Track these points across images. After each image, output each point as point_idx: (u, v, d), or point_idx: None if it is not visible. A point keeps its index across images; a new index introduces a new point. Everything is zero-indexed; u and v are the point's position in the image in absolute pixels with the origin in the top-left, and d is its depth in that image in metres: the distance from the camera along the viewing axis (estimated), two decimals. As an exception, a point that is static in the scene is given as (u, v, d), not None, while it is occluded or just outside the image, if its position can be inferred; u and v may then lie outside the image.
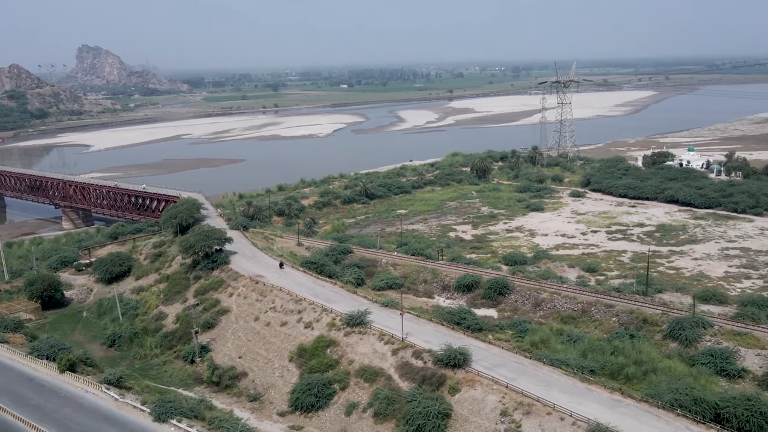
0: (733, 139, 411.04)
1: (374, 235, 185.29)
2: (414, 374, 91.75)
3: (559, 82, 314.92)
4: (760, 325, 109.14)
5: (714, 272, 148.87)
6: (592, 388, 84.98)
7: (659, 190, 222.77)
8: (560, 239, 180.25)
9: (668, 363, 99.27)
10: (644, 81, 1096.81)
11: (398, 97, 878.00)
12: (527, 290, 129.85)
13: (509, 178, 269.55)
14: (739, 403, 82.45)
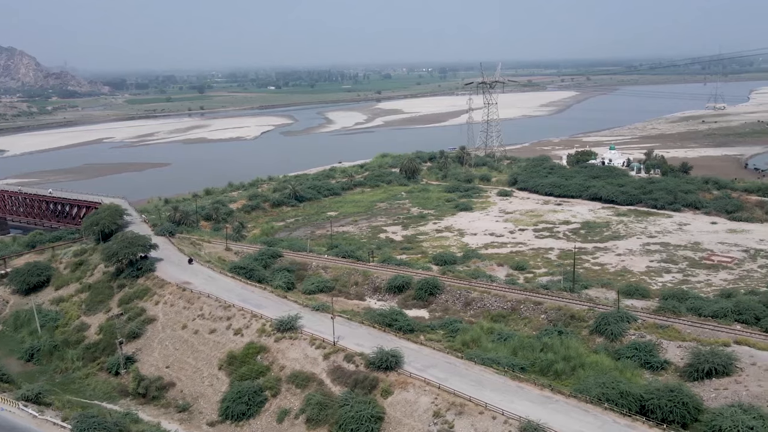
0: (651, 137, 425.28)
1: (304, 238, 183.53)
2: (346, 378, 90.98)
3: (484, 83, 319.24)
4: (681, 318, 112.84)
5: (636, 267, 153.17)
6: (522, 386, 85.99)
7: (583, 188, 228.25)
8: (489, 238, 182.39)
9: (595, 358, 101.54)
10: (567, 82, 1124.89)
11: (326, 98, 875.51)
12: (457, 290, 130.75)
13: (438, 178, 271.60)
14: (663, 394, 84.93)
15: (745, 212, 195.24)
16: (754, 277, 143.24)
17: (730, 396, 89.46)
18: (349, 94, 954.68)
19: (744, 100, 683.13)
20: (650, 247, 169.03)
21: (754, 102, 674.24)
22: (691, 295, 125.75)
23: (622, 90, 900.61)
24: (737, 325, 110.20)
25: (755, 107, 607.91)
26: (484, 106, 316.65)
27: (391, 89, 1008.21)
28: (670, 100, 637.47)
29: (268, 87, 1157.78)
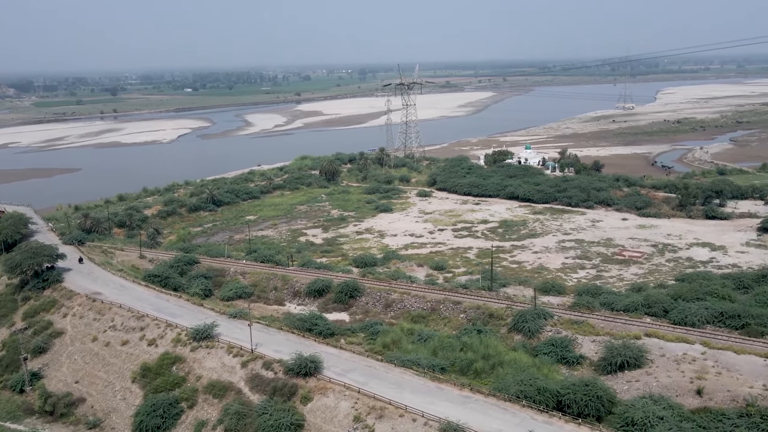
0: (565, 136, 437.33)
1: (222, 243, 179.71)
2: (265, 386, 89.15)
3: (403, 84, 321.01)
4: (595, 313, 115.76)
5: (552, 264, 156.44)
6: (442, 387, 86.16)
7: (501, 187, 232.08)
8: (409, 239, 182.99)
9: (514, 355, 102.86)
10: (484, 82, 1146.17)
11: (245, 100, 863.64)
12: (378, 292, 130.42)
13: (358, 180, 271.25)
14: (578, 389, 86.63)
15: (653, 208, 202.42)
16: (662, 271, 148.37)
17: (641, 387, 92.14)
18: (268, 96, 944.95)
19: (651, 100, 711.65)
20: (565, 244, 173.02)
21: (660, 102, 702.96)
22: (604, 290, 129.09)
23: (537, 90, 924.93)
24: (647, 318, 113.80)
25: (661, 107, 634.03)
26: (402, 107, 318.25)
27: (310, 91, 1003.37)
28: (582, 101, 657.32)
29: (185, 89, 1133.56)
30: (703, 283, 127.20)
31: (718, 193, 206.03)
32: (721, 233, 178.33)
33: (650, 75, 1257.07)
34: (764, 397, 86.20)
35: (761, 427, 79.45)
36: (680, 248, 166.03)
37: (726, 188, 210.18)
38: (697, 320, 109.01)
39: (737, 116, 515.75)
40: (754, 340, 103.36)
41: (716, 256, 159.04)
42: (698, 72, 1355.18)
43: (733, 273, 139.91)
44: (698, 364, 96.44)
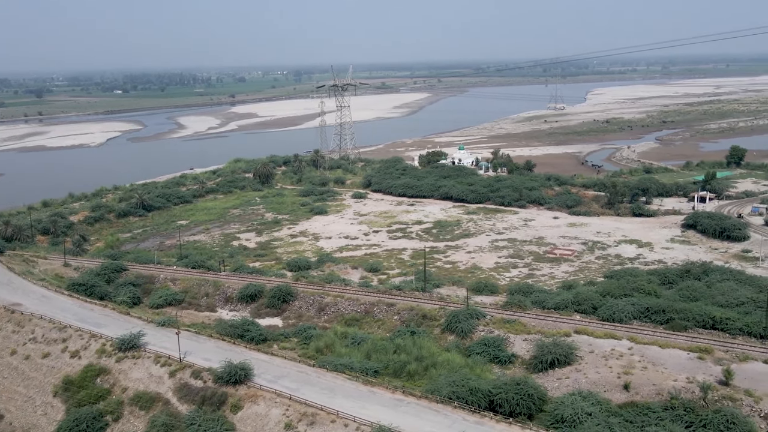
0: (498, 137, 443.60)
1: (152, 249, 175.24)
2: (194, 396, 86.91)
3: (336, 86, 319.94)
4: (526, 312, 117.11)
5: (486, 264, 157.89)
6: (375, 390, 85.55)
7: (435, 188, 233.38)
8: (344, 241, 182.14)
9: (447, 356, 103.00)
10: (419, 84, 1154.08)
11: (178, 102, 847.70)
12: (311, 295, 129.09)
13: (293, 182, 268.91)
14: (510, 388, 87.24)
15: (583, 206, 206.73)
16: (592, 268, 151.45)
17: (571, 384, 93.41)
18: (201, 98, 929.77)
19: (581, 101, 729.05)
20: (498, 243, 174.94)
21: (590, 102, 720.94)
22: (535, 288, 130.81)
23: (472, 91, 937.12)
24: (577, 315, 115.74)
25: (591, 107, 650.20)
26: (337, 109, 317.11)
27: (245, 92, 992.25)
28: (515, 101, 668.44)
29: (115, 91, 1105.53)
30: (630, 280, 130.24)
31: (644, 191, 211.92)
32: (648, 230, 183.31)
33: (580, 76, 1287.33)
34: (687, 389, 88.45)
35: (684, 419, 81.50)
36: (609, 245, 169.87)
37: (652, 186, 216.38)
38: (625, 316, 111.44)
39: (662, 116, 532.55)
40: (678, 334, 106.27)
41: (643, 252, 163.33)
42: (626, 73, 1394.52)
43: (659, 269, 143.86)
44: (625, 360, 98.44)
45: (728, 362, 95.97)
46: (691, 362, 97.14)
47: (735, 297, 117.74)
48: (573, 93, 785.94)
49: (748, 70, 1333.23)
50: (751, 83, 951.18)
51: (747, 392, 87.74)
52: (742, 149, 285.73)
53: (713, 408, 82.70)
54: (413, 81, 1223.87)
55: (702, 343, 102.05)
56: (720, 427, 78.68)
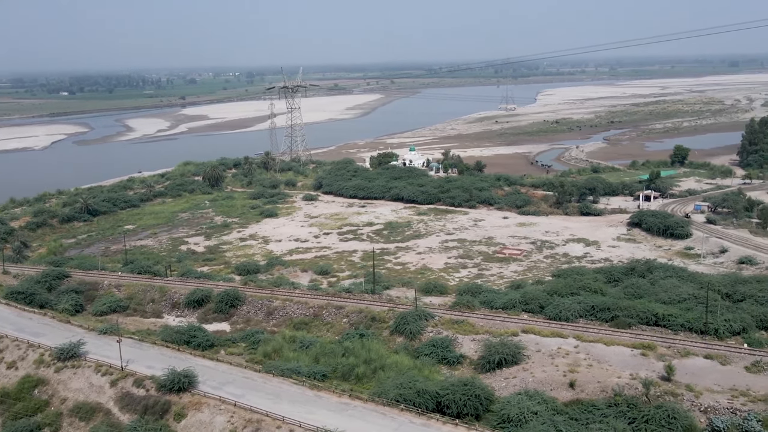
0: (450, 137, 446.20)
1: (97, 255, 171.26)
2: (136, 405, 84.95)
3: (286, 87, 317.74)
4: (475, 312, 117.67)
5: (436, 264, 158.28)
6: (321, 395, 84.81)
7: (386, 189, 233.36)
8: (294, 244, 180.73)
9: (396, 358, 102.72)
10: (372, 85, 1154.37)
11: (126, 104, 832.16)
12: (259, 299, 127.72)
13: (243, 185, 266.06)
14: (457, 389, 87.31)
15: (532, 206, 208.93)
16: (540, 267, 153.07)
17: (518, 384, 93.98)
18: (151, 99, 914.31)
19: (532, 102, 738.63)
20: (448, 244, 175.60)
21: (540, 103, 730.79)
22: (484, 288, 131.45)
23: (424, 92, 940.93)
24: (525, 314, 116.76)
25: (541, 108, 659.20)
26: (287, 110, 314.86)
27: (196, 94, 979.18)
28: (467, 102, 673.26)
29: (61, 93, 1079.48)
30: (576, 278, 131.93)
31: (591, 191, 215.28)
32: (595, 229, 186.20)
33: (531, 77, 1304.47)
34: (631, 386, 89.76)
35: (628, 416, 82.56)
36: (557, 244, 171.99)
37: (599, 185, 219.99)
38: (571, 315, 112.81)
39: (610, 116, 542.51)
40: (622, 331, 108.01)
41: (590, 251, 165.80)
42: (575, 74, 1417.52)
43: (605, 267, 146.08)
44: (571, 358, 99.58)
45: (670, 358, 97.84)
46: (634, 359, 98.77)
47: (677, 294, 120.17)
48: (524, 94, 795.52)
49: (692, 71, 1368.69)
50: (695, 84, 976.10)
51: (688, 387, 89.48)
52: (686, 149, 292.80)
53: (655, 403, 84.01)
54: (366, 82, 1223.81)
55: (645, 340, 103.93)
56: (661, 422, 79.93)
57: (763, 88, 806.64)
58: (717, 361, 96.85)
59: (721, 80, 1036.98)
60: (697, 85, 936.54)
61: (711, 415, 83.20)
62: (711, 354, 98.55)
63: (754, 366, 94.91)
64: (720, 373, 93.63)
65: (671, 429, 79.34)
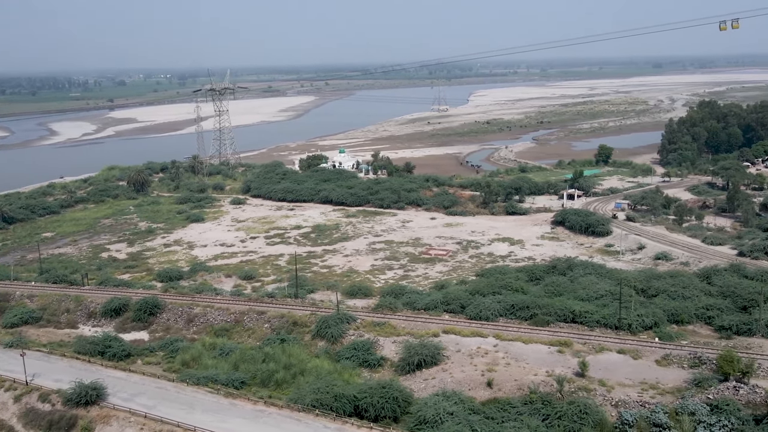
0: (382, 139, 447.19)
1: (10, 264, 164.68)
2: (40, 420, 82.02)
3: (214, 90, 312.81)
4: (397, 314, 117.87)
5: (362, 266, 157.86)
6: (236, 403, 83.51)
7: (315, 191, 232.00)
8: (220, 249, 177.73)
9: (316, 362, 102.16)
10: (306, 87, 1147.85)
11: (51, 107, 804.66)
12: (180, 307, 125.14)
13: (170, 189, 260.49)
14: (375, 392, 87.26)
15: (459, 206, 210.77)
16: (465, 267, 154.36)
17: (437, 384, 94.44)
18: (77, 102, 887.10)
19: (464, 103, 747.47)
20: (376, 245, 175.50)
21: (472, 104, 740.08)
22: (407, 290, 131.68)
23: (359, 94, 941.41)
24: (446, 315, 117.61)
25: (473, 108, 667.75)
26: (215, 113, 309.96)
27: (125, 97, 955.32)
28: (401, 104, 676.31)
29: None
30: (499, 277, 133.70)
31: (517, 190, 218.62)
32: (520, 228, 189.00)
33: (464, 78, 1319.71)
34: (547, 383, 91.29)
35: (542, 413, 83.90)
36: (483, 244, 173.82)
37: (524, 185, 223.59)
38: (491, 314, 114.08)
39: (540, 117, 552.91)
40: (541, 329, 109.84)
41: (514, 250, 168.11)
42: (507, 75, 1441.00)
43: (527, 266, 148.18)
44: (490, 357, 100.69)
45: (585, 354, 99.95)
46: (551, 356, 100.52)
47: (595, 290, 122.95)
48: (457, 95, 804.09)
49: (619, 73, 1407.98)
50: (621, 85, 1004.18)
51: (601, 382, 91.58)
52: (609, 148, 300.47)
53: (568, 399, 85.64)
54: (300, 84, 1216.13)
55: (562, 337, 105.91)
56: (573, 418, 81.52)
57: (685, 88, 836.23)
58: (629, 355, 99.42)
59: (646, 81, 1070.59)
60: (624, 86, 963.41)
61: (621, 409, 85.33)
62: (624, 349, 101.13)
63: (664, 359, 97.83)
64: (632, 368, 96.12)
65: (583, 424, 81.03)
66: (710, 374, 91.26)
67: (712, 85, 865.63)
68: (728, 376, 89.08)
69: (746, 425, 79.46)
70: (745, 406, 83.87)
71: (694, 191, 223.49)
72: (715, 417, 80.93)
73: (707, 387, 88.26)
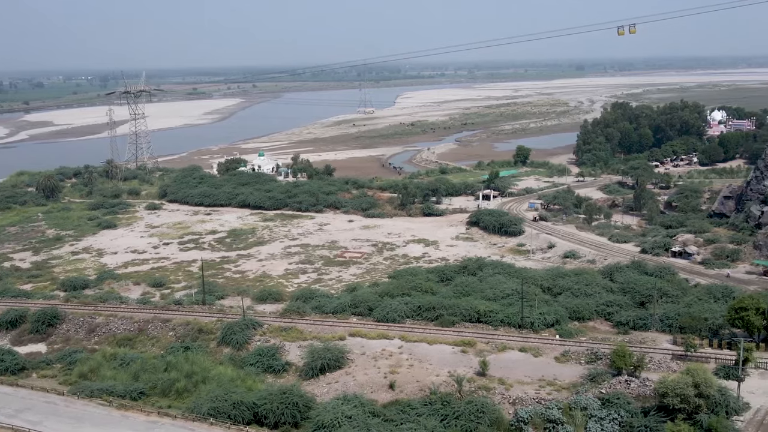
0: (307, 141, 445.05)
1: None
2: None
3: (128, 93, 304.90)
4: (305, 318, 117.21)
5: (276, 271, 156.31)
6: (128, 415, 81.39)
7: (232, 195, 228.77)
8: (131, 256, 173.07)
9: (220, 369, 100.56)
10: (233, 89, 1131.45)
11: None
12: (81, 317, 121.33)
13: (83, 195, 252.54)
14: (275, 398, 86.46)
15: (377, 209, 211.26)
16: (379, 269, 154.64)
17: (340, 388, 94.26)
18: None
19: (391, 104, 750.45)
20: (291, 249, 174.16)
21: (398, 106, 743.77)
22: (318, 293, 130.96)
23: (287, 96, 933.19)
24: (354, 318, 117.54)
25: (399, 110, 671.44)
26: (131, 117, 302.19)
27: (42, 99, 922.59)
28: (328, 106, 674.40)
29: None
30: (409, 279, 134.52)
31: (434, 192, 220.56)
32: (436, 229, 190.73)
33: (393, 80, 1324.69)
34: (448, 383, 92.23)
35: (441, 413, 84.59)
36: (398, 246, 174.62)
37: (441, 186, 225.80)
38: (398, 315, 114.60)
39: (464, 118, 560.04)
40: (446, 329, 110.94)
41: (429, 251, 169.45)
42: (435, 77, 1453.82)
43: (439, 266, 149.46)
44: (394, 359, 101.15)
45: (488, 353, 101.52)
46: (454, 356, 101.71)
47: (501, 290, 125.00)
48: (385, 97, 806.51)
49: (543, 75, 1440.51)
50: (545, 87, 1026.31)
51: (500, 381, 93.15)
52: (527, 149, 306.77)
53: (467, 399, 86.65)
54: (227, 86, 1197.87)
55: (466, 337, 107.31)
56: (470, 417, 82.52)
57: (605, 90, 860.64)
58: (531, 353, 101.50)
59: (569, 83, 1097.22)
60: (547, 88, 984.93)
61: (518, 407, 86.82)
62: (525, 347, 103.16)
63: (563, 356, 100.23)
64: (532, 365, 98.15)
65: (479, 423, 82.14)
66: (605, 369, 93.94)
67: (630, 87, 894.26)
68: (621, 371, 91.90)
69: (635, 417, 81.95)
70: (635, 399, 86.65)
71: (605, 190, 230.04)
72: (606, 411, 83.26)
73: (601, 382, 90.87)
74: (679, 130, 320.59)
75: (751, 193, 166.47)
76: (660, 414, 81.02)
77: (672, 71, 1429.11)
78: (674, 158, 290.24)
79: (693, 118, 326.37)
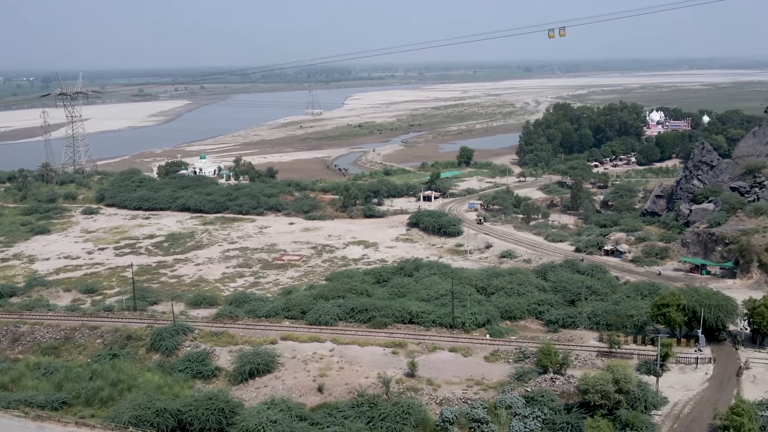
0: (252, 144, 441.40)
1: None
2: None
3: (65, 94, 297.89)
4: (237, 322, 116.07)
5: (212, 275, 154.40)
6: (45, 426, 79.51)
7: (172, 199, 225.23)
8: (63, 262, 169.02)
9: (147, 376, 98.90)
10: (181, 90, 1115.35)
11: None
12: (5, 325, 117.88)
13: (16, 200, 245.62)
14: (201, 404, 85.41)
15: (319, 211, 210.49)
16: (317, 272, 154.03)
17: (268, 392, 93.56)
18: None
19: (339, 106, 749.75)
20: (229, 253, 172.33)
21: (347, 107, 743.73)
22: (251, 297, 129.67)
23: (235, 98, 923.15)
24: (287, 321, 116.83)
25: (347, 112, 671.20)
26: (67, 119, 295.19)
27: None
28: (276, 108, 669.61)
29: None
30: (345, 281, 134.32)
31: (375, 193, 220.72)
32: (377, 230, 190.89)
33: (343, 82, 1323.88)
34: (376, 385, 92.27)
35: (368, 415, 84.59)
36: (338, 248, 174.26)
37: (383, 188, 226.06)
38: (330, 318, 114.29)
39: (411, 120, 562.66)
40: (378, 331, 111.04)
41: (368, 252, 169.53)
42: (385, 78, 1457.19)
43: (376, 268, 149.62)
44: (325, 362, 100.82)
45: (419, 354, 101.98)
46: (385, 358, 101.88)
47: (436, 290, 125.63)
48: (334, 98, 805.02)
49: (492, 76, 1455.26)
50: (492, 88, 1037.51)
51: (429, 381, 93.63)
52: (471, 149, 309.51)
53: (394, 400, 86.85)
54: (174, 88, 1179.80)
55: (398, 338, 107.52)
56: (396, 419, 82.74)
57: (551, 91, 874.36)
58: (460, 353, 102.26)
59: (517, 84, 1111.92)
60: (495, 89, 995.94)
61: (444, 407, 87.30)
62: (456, 347, 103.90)
63: (492, 355, 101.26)
64: (461, 365, 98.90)
65: (405, 424, 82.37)
66: (531, 368, 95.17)
67: (576, 89, 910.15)
68: (547, 369, 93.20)
69: (558, 414, 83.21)
70: (560, 396, 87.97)
71: (545, 190, 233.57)
72: (530, 409, 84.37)
73: (527, 380, 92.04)
74: (618, 130, 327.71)
75: (680, 192, 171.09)
76: (582, 410, 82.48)
77: (617, 73, 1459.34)
78: (613, 158, 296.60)
79: (632, 118, 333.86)
